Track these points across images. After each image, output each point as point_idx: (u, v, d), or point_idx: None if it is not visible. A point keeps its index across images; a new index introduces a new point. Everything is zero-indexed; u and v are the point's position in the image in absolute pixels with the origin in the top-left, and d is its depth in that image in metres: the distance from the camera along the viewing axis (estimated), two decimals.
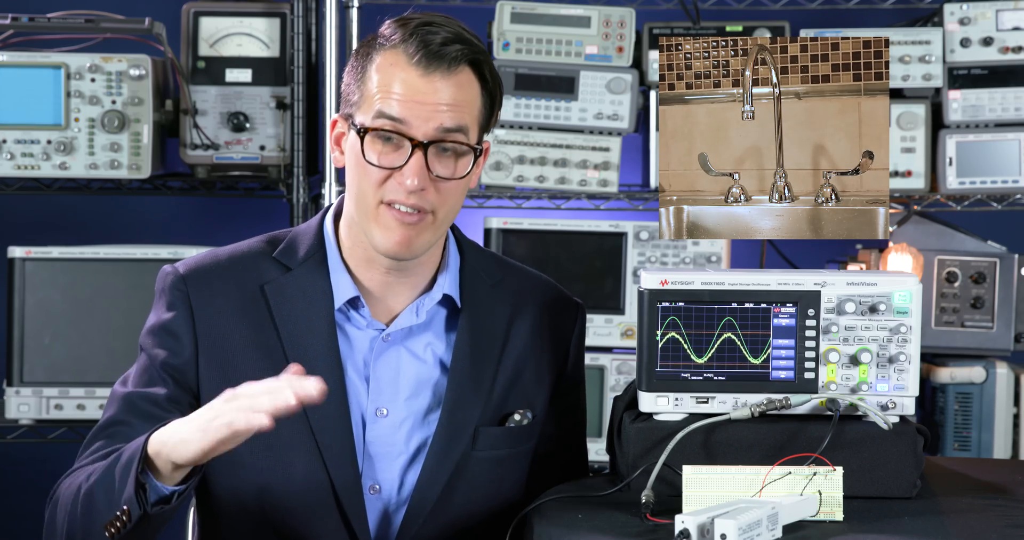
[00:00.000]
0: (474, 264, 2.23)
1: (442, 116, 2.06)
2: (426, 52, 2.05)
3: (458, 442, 2.15)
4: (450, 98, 2.06)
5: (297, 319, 2.13)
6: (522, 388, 2.21)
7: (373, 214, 2.09)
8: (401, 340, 2.16)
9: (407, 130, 2.06)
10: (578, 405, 2.32)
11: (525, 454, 2.22)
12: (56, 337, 3.41)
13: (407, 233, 2.08)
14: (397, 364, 2.16)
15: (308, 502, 2.10)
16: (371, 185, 2.08)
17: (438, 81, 2.06)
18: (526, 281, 2.27)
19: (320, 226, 2.20)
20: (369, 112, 2.07)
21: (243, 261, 2.17)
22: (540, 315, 2.24)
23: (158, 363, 2.12)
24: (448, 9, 3.68)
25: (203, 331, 2.12)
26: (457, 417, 2.15)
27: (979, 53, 3.46)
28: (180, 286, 2.14)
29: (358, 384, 2.14)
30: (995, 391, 3.45)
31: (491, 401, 2.17)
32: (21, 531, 4.09)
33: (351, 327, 2.16)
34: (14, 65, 3.40)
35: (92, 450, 2.09)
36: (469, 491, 2.16)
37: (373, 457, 2.14)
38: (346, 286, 2.15)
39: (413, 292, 2.17)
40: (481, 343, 2.18)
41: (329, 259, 2.16)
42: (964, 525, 1.86)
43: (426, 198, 2.07)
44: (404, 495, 2.15)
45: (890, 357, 2.00)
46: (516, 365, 2.20)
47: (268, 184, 3.55)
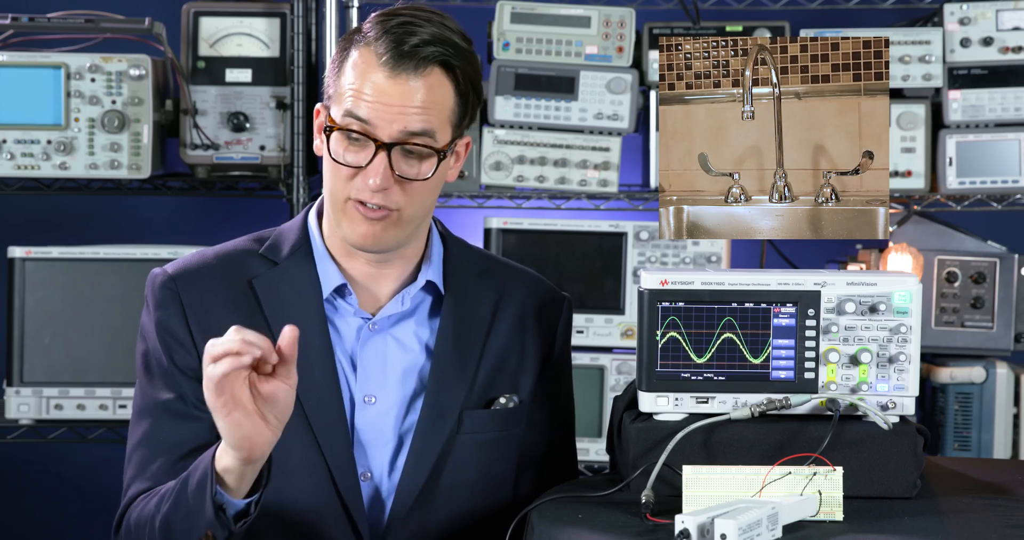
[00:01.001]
0: (458, 255, 2.25)
1: (407, 119, 2.07)
2: (395, 53, 2.06)
3: (443, 425, 2.16)
4: (418, 100, 2.07)
5: (287, 311, 2.14)
6: (507, 373, 2.22)
7: (341, 208, 2.12)
8: (387, 328, 2.19)
9: (372, 131, 2.07)
10: (563, 391, 2.33)
11: (512, 439, 2.23)
12: (56, 337, 3.41)
13: (372, 228, 2.10)
14: (384, 352, 2.18)
15: (306, 487, 2.12)
16: (340, 180, 2.11)
17: (405, 83, 2.06)
18: (512, 274, 2.30)
19: (304, 221, 2.23)
20: (339, 109, 2.09)
21: (230, 258, 2.20)
22: (526, 305, 2.26)
23: (166, 364, 2.14)
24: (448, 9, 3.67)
25: (196, 327, 2.14)
26: (441, 400, 2.17)
27: (979, 53, 3.46)
28: (169, 285, 2.16)
29: (347, 372, 2.17)
30: (995, 391, 3.45)
31: (476, 385, 2.19)
32: (21, 531, 4.09)
33: (338, 316, 2.18)
34: (14, 65, 3.40)
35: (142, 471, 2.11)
36: (457, 475, 2.17)
37: (363, 444, 2.16)
38: (333, 275, 2.17)
39: (397, 282, 2.20)
40: (465, 328, 2.20)
41: (315, 251, 2.19)
42: (964, 525, 1.86)
43: (390, 197, 2.09)
44: (394, 481, 2.16)
45: (890, 357, 2.00)
46: (501, 350, 2.22)
47: (268, 184, 3.55)
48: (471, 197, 3.56)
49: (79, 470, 4.07)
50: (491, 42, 3.50)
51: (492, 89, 3.47)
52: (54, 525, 4.08)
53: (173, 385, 2.14)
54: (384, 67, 2.06)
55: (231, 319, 2.12)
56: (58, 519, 4.06)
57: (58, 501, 4.08)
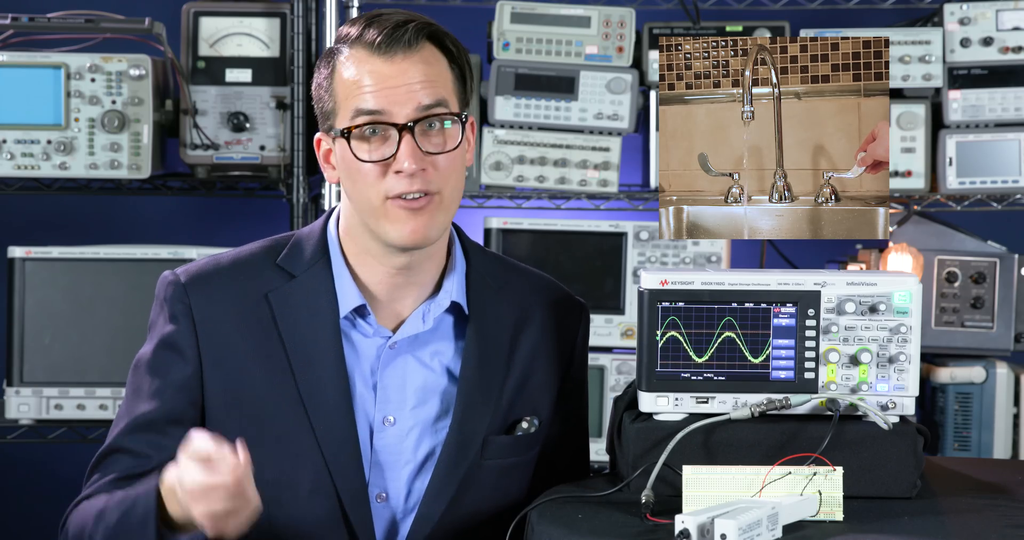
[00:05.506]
0: (479, 268, 2.21)
1: (418, 95, 2.06)
2: (383, 37, 2.05)
3: (467, 452, 2.14)
4: (420, 75, 2.06)
5: (302, 329, 2.11)
6: (529, 394, 2.20)
7: (381, 211, 2.07)
8: (408, 348, 2.15)
9: (387, 118, 2.05)
10: (581, 406, 2.32)
11: (531, 460, 2.22)
12: (56, 337, 3.40)
13: (419, 221, 2.06)
14: (404, 372, 2.15)
15: (315, 512, 2.10)
16: (370, 185, 2.06)
17: (402, 62, 2.06)
18: (530, 283, 2.26)
19: (324, 230, 2.18)
20: (347, 114, 2.07)
21: (246, 268, 2.15)
22: (546, 318, 2.23)
23: (160, 379, 2.12)
24: (448, 9, 3.68)
25: (206, 342, 2.11)
26: (467, 427, 2.14)
27: (979, 53, 3.46)
28: (182, 297, 2.12)
29: (365, 393, 2.13)
30: (995, 391, 3.45)
31: (499, 409, 2.17)
32: (21, 531, 4.09)
33: (357, 335, 2.14)
34: (14, 65, 3.40)
35: (96, 480, 2.13)
36: (476, 499, 2.15)
37: (381, 465, 2.13)
38: (351, 294, 2.13)
39: (420, 294, 2.16)
40: (489, 352, 2.16)
41: (333, 265, 2.15)
42: (964, 525, 1.86)
43: (428, 179, 2.06)
44: (411, 503, 2.14)
45: (890, 357, 2.00)
46: (523, 371, 2.19)
47: (268, 184, 3.55)
48: (471, 197, 3.56)
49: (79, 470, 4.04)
50: (491, 42, 3.50)
51: (492, 89, 3.47)
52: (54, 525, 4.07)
53: (153, 400, 2.11)
54: (378, 53, 2.05)
55: (243, 336, 2.11)
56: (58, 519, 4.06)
57: (58, 501, 4.06)
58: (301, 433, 2.08)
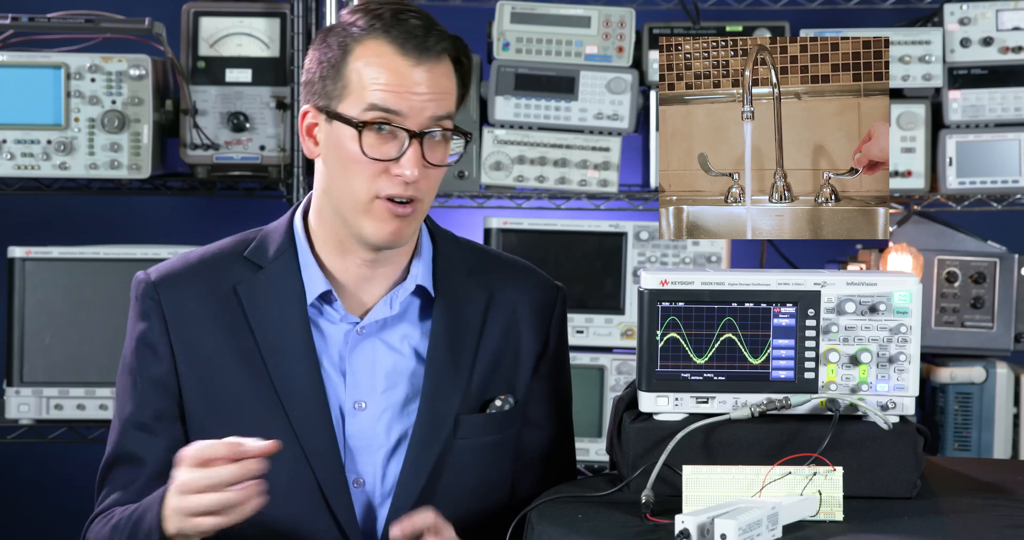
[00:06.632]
0: (447, 253, 2.23)
1: (435, 105, 2.08)
2: (416, 44, 2.06)
3: (439, 432, 2.15)
4: (439, 87, 2.08)
5: (271, 318, 2.13)
6: (502, 373, 2.21)
7: (364, 208, 2.09)
8: (376, 332, 2.17)
9: (402, 121, 2.06)
10: (560, 388, 2.30)
11: (509, 440, 2.22)
12: (56, 337, 3.41)
13: (400, 224, 2.09)
14: (373, 356, 2.16)
15: (296, 500, 2.11)
16: (364, 180, 2.08)
17: (427, 71, 2.07)
18: (504, 266, 2.27)
19: (290, 223, 2.20)
20: (357, 104, 2.07)
21: (214, 262, 2.18)
22: (519, 298, 2.23)
23: (140, 379, 2.15)
24: (448, 9, 3.68)
25: (178, 338, 2.14)
26: (436, 407, 2.15)
27: (979, 53, 3.46)
28: (152, 294, 2.16)
29: (335, 378, 2.15)
30: (995, 391, 3.46)
31: (471, 389, 2.18)
32: (21, 531, 4.09)
33: (324, 322, 2.16)
34: (14, 65, 3.40)
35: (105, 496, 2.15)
36: (454, 479, 2.16)
37: (354, 450, 2.15)
38: (318, 281, 2.15)
39: (387, 283, 2.17)
40: (457, 331, 2.18)
41: (300, 255, 2.17)
42: (964, 525, 1.86)
43: (419, 188, 2.08)
44: (388, 487, 2.15)
45: (890, 357, 2.00)
46: (495, 350, 2.20)
47: (268, 184, 3.55)
48: (471, 197, 3.56)
49: (79, 470, 4.06)
50: (491, 42, 3.50)
51: (492, 89, 3.47)
52: (54, 525, 4.08)
53: (140, 400, 2.14)
54: (407, 57, 2.06)
55: (214, 330, 2.14)
56: (58, 519, 4.06)
57: (58, 501, 4.07)
58: (277, 422, 2.10)
